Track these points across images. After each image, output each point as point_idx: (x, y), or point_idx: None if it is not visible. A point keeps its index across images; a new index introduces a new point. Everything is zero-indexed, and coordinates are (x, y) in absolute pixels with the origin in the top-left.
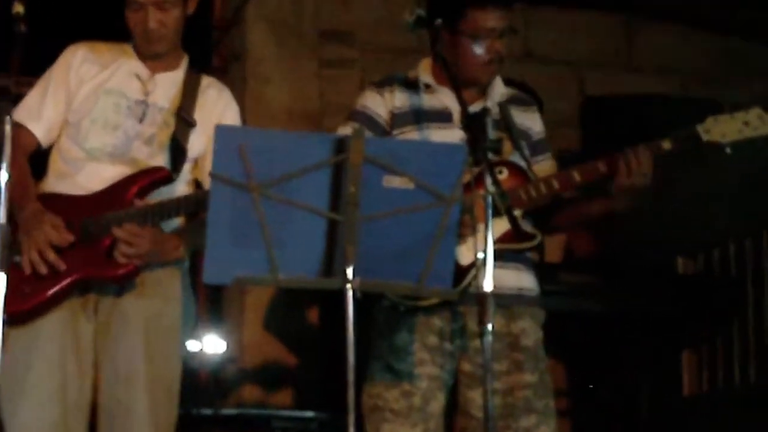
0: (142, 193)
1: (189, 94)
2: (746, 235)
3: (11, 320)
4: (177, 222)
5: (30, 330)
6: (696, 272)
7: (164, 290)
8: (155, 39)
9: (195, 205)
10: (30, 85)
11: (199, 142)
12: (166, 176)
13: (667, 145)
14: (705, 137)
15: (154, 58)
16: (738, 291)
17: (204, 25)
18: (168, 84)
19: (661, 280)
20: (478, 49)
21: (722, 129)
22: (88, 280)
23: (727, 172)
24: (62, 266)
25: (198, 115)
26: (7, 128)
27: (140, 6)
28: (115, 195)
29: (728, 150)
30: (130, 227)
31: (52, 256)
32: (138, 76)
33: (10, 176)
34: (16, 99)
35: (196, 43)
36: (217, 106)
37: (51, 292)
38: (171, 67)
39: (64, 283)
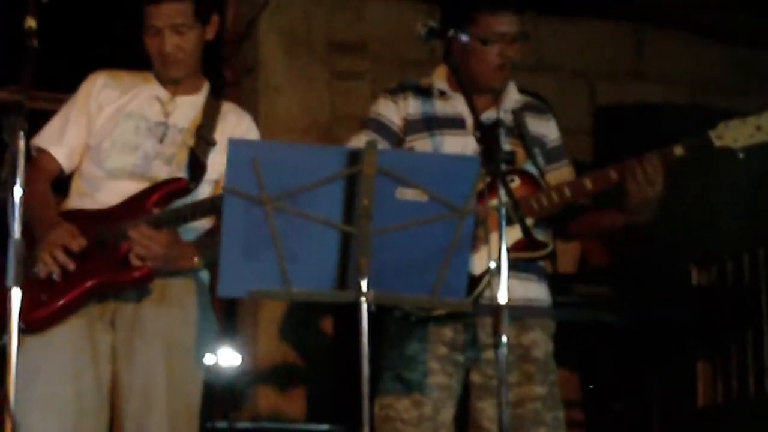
0: (161, 203)
1: (209, 116)
2: (760, 245)
3: (27, 328)
4: (196, 233)
5: (45, 337)
6: (710, 282)
7: (183, 306)
8: (172, 63)
9: (211, 210)
10: (43, 100)
11: (218, 163)
12: (184, 187)
13: (679, 151)
14: (717, 143)
15: (174, 83)
16: (752, 301)
17: (216, 38)
18: (188, 107)
19: (674, 291)
20: (490, 54)
21: (734, 134)
22: (105, 287)
23: (739, 182)
24: (71, 266)
25: (218, 137)
26: (21, 143)
27: (157, 30)
28: (133, 206)
29: (741, 155)
30: (145, 229)
31: (61, 256)
32: (158, 99)
33: (25, 191)
34: (29, 114)
35: (208, 56)
36: (237, 131)
37: (66, 299)
38: (191, 91)
39: (80, 290)
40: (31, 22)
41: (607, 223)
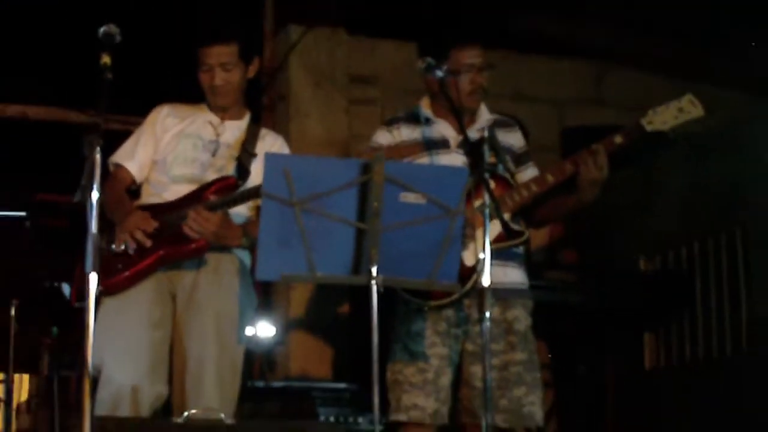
0: (216, 195)
1: (251, 136)
2: (694, 240)
3: (107, 291)
4: (244, 217)
5: (123, 298)
6: (654, 270)
7: (231, 285)
8: (220, 93)
9: (256, 194)
10: (116, 122)
11: (258, 172)
12: (234, 183)
13: (618, 139)
14: (649, 128)
15: (223, 110)
16: (688, 285)
17: (256, 72)
18: (234, 129)
19: (626, 277)
20: (463, 83)
21: (662, 118)
22: (170, 257)
23: (673, 189)
24: (148, 243)
25: (258, 152)
26: (97, 156)
27: (209, 67)
28: (193, 198)
29: (671, 135)
30: (202, 210)
31: (139, 234)
32: (211, 123)
33: (105, 196)
34: (104, 133)
35: (249, 86)
36: (273, 149)
37: (139, 267)
38: (236, 117)
39: (150, 260)
40: (106, 59)
41: (570, 205)
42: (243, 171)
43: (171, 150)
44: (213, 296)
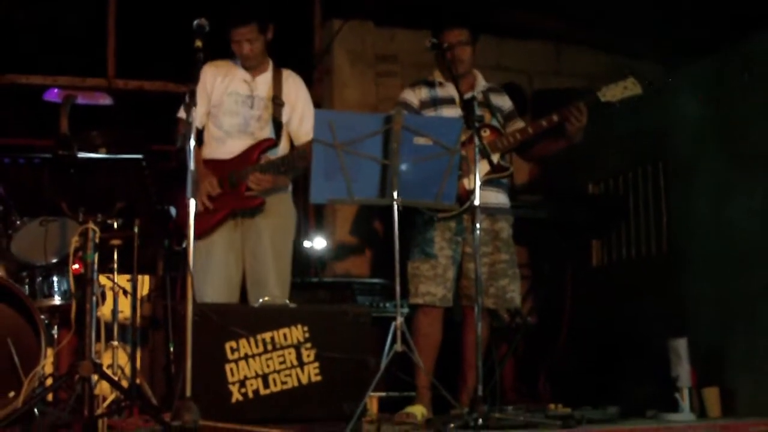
0: (262, 153)
1: (277, 84)
2: (628, 171)
3: (196, 237)
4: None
5: (207, 241)
6: (600, 193)
7: (280, 212)
8: (248, 58)
9: (290, 162)
10: None
11: (286, 114)
12: (273, 143)
13: (582, 104)
14: (602, 99)
15: (252, 68)
16: (624, 203)
17: (309, 54)
18: (263, 81)
19: (579, 198)
20: (449, 55)
21: (612, 92)
22: (237, 210)
23: (616, 132)
24: (211, 206)
25: (285, 98)
26: (193, 113)
27: (238, 41)
28: (246, 156)
29: (618, 105)
30: (257, 174)
31: (205, 200)
32: (245, 81)
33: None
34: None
35: (305, 65)
36: (296, 87)
37: (216, 218)
38: (263, 70)
39: (223, 213)
40: (198, 43)
41: (556, 146)
42: (277, 125)
43: (219, 105)
44: (268, 222)
